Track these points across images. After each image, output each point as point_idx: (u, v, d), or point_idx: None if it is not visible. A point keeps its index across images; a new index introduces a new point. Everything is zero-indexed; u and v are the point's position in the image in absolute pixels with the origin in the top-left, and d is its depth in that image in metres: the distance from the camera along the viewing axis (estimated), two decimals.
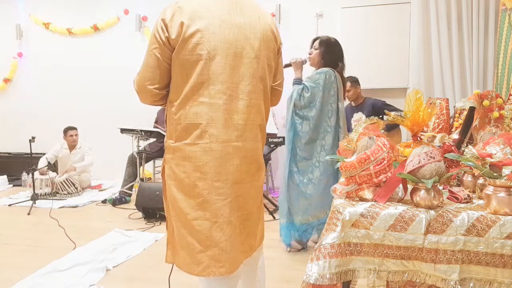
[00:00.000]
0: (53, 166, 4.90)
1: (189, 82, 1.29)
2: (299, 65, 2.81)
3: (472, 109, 1.56)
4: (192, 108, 1.30)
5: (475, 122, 1.55)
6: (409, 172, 1.11)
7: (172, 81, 1.35)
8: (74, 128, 5.02)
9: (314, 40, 2.82)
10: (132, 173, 4.62)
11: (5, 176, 5.45)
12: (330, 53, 2.74)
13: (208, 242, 1.32)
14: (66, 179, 4.66)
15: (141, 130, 4.39)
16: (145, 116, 5.07)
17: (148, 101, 1.40)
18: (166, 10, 1.30)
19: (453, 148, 1.39)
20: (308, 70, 2.96)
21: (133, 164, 4.60)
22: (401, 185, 1.17)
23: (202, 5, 1.29)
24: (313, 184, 2.69)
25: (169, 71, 1.34)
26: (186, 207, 1.33)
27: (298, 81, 2.77)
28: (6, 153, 5.95)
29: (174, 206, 1.37)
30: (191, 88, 1.29)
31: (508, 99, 1.70)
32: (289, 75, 2.56)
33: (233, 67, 1.31)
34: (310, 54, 2.79)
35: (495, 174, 1.08)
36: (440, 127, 1.64)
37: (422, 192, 1.09)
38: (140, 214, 3.74)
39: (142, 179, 4.54)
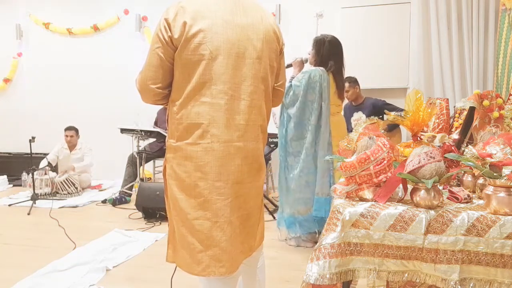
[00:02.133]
0: (53, 166, 4.90)
1: (191, 82, 1.29)
2: (298, 64, 2.89)
3: (472, 109, 1.56)
4: (194, 108, 1.30)
5: (475, 122, 1.55)
6: (409, 172, 1.11)
7: (174, 80, 1.35)
8: (71, 129, 5.01)
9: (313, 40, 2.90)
10: (132, 173, 4.62)
11: (5, 176, 5.45)
12: (319, 53, 2.79)
13: (208, 242, 1.32)
14: (66, 179, 4.65)
15: (141, 130, 4.39)
16: (145, 116, 5.07)
17: (150, 101, 1.41)
18: (169, 10, 1.30)
19: (453, 148, 1.39)
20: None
21: (133, 164, 4.60)
22: (401, 185, 1.17)
23: (205, 5, 1.29)
24: (295, 180, 2.78)
25: (172, 70, 1.34)
26: (187, 207, 1.33)
27: (291, 80, 2.84)
28: (6, 153, 5.95)
29: (175, 205, 1.37)
30: (193, 88, 1.29)
31: (508, 99, 1.70)
32: (289, 72, 2.61)
33: (235, 68, 1.31)
34: (309, 53, 2.87)
35: (495, 174, 1.08)
36: (440, 127, 1.64)
37: (422, 192, 1.09)
38: (140, 214, 3.74)
39: (142, 179, 4.54)
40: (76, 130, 5.07)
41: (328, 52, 2.78)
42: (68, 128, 5.00)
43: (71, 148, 5.03)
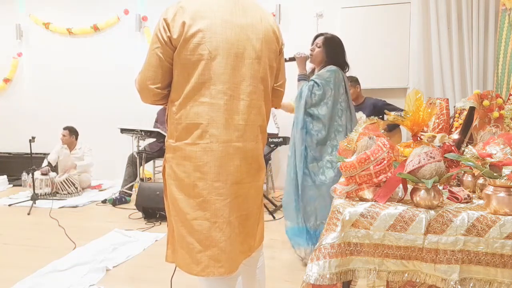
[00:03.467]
0: (53, 166, 4.91)
1: (190, 82, 1.29)
2: (303, 60, 2.66)
3: (472, 109, 1.56)
4: (193, 108, 1.30)
5: (475, 122, 1.55)
6: (409, 172, 1.11)
7: (173, 80, 1.35)
8: (65, 129, 5.01)
9: (317, 36, 2.67)
10: (132, 173, 4.62)
11: (5, 176, 5.45)
12: (335, 54, 2.60)
13: (207, 242, 1.32)
14: (66, 179, 4.65)
15: (141, 130, 4.39)
16: (145, 116, 5.07)
17: (149, 101, 1.40)
18: (168, 10, 1.29)
19: (453, 148, 1.39)
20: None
21: (133, 164, 4.60)
22: (401, 185, 1.17)
23: (204, 5, 1.29)
24: (326, 186, 2.48)
25: (171, 70, 1.34)
26: (186, 207, 1.33)
27: (304, 77, 2.62)
28: (6, 153, 5.95)
29: (174, 205, 1.37)
30: (192, 88, 1.29)
31: (508, 99, 1.70)
32: (291, 71, 2.46)
33: (234, 68, 1.31)
34: (312, 50, 2.65)
35: (495, 174, 1.08)
36: (440, 127, 1.64)
37: (422, 192, 1.09)
38: (140, 214, 3.74)
39: (142, 179, 4.54)
40: (71, 131, 5.04)
41: (341, 54, 2.63)
42: (64, 128, 5.00)
43: (71, 148, 5.03)
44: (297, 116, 2.58)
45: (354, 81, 4.09)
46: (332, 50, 2.61)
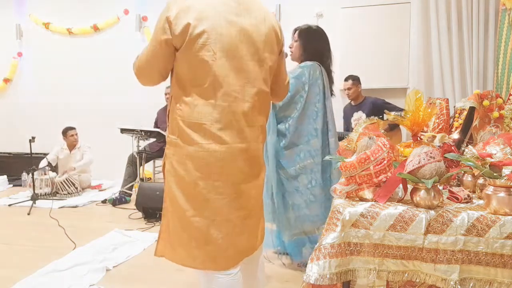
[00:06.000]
0: (53, 166, 4.90)
1: (195, 82, 1.29)
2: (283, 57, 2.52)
3: (472, 109, 1.56)
4: (197, 107, 1.30)
5: (475, 122, 1.56)
6: (409, 172, 1.11)
7: (178, 79, 1.35)
8: (73, 128, 5.02)
9: (294, 30, 2.45)
10: (132, 173, 4.62)
11: (5, 176, 5.44)
12: (311, 43, 2.37)
13: (205, 239, 1.33)
14: (66, 179, 4.65)
15: (141, 130, 4.39)
16: (145, 116, 5.07)
17: (149, 84, 1.45)
18: (171, 7, 1.27)
19: (453, 148, 1.39)
20: (290, 65, 2.72)
21: (133, 164, 4.60)
22: (401, 185, 1.17)
23: (208, 5, 1.28)
24: (300, 194, 2.33)
25: (171, 62, 1.34)
26: (185, 204, 1.33)
27: None
28: (6, 153, 5.95)
29: (172, 202, 1.38)
30: (197, 88, 1.29)
31: (508, 99, 1.70)
32: None
33: (238, 69, 1.31)
34: (290, 47, 2.43)
35: (495, 174, 1.08)
36: (440, 127, 1.64)
37: (422, 192, 1.09)
38: (140, 214, 3.74)
39: (142, 179, 4.54)
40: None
41: (319, 44, 2.38)
42: (71, 128, 5.01)
43: (71, 148, 5.03)
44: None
45: (356, 79, 4.10)
46: (308, 42, 2.37)
